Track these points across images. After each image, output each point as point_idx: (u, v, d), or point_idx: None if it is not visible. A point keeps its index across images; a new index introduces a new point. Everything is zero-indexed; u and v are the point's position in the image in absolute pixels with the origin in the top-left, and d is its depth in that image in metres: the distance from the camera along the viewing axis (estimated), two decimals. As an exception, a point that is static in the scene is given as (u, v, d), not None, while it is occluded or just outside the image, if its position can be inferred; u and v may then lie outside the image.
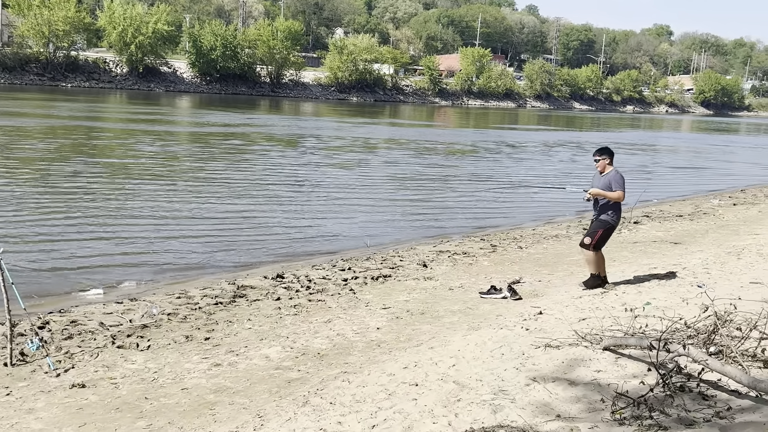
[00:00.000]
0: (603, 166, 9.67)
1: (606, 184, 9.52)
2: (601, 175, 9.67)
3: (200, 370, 6.95)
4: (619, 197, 9.49)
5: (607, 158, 9.67)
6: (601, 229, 9.61)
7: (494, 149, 38.49)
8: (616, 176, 9.53)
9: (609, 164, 9.68)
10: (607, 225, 9.63)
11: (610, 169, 9.64)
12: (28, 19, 74.43)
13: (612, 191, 9.46)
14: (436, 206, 19.42)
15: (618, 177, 9.52)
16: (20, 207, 15.59)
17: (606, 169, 9.66)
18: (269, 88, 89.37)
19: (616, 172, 9.61)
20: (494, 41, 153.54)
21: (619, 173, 9.60)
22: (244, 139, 34.54)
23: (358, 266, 11.97)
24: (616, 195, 9.46)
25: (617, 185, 9.46)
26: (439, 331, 8.17)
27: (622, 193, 9.48)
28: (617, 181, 9.48)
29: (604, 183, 9.55)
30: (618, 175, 9.54)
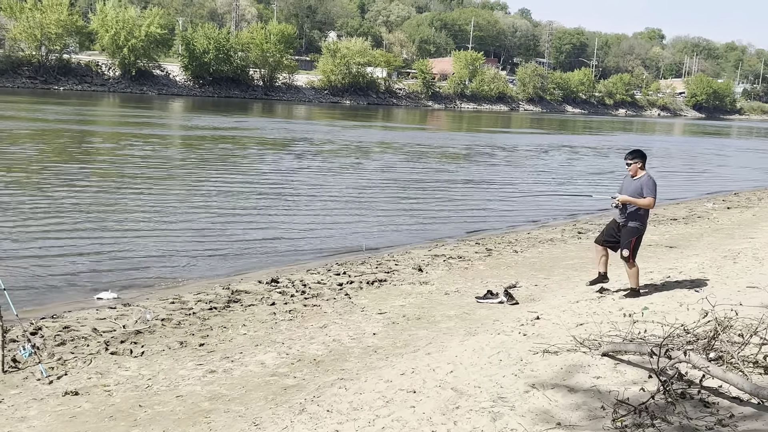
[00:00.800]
0: (635, 170, 9.24)
1: (637, 189, 9.12)
2: (633, 179, 9.25)
3: (195, 377, 6.86)
4: (650, 204, 9.11)
5: (639, 161, 9.24)
6: (634, 237, 9.24)
7: (487, 153, 38.48)
8: (648, 181, 9.11)
9: (641, 168, 9.25)
10: (639, 232, 9.26)
11: (642, 173, 9.21)
12: (20, 22, 74.17)
13: (642, 197, 9.09)
14: (430, 210, 19.34)
15: (650, 182, 9.10)
16: (11, 212, 15.46)
17: (638, 173, 9.23)
18: (262, 91, 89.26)
19: (649, 177, 9.18)
20: (487, 45, 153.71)
21: (652, 178, 9.18)
22: (237, 143, 34.44)
23: (353, 270, 11.89)
24: (646, 202, 9.07)
25: (648, 191, 9.05)
26: (436, 337, 8.10)
27: (652, 200, 9.11)
28: (649, 186, 9.07)
29: (635, 187, 9.14)
30: (650, 181, 9.13)
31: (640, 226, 9.25)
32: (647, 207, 9.13)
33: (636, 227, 9.23)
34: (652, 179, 9.15)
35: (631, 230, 9.24)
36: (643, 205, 9.10)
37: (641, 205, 9.10)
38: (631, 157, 9.32)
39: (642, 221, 9.26)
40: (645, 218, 9.31)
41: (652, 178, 9.20)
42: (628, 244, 9.22)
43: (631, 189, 9.19)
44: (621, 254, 9.37)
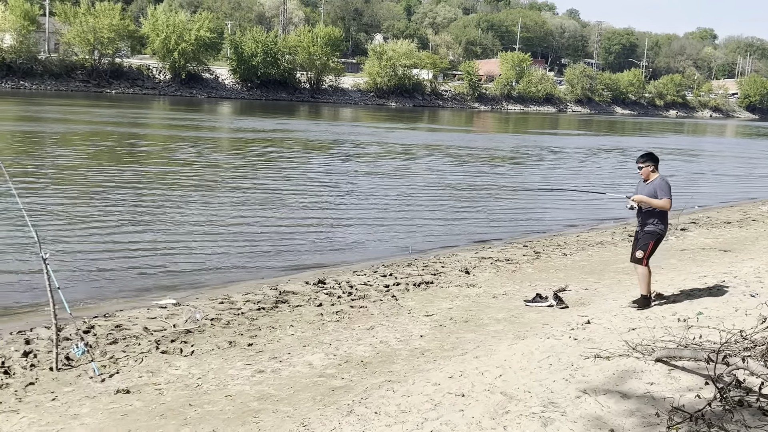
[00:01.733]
0: (647, 173, 9.00)
1: (651, 193, 8.87)
2: (646, 183, 9.01)
3: (244, 377, 6.89)
4: (665, 205, 8.80)
5: (651, 165, 8.98)
6: (652, 240, 8.95)
7: (535, 155, 38.15)
8: (661, 183, 8.88)
9: (653, 171, 8.99)
10: (656, 236, 8.98)
11: (654, 176, 8.97)
12: (74, 27, 75.88)
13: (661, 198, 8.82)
14: (477, 212, 19.23)
15: (664, 184, 8.86)
16: (66, 212, 15.79)
17: (650, 176, 8.98)
18: (309, 93, 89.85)
19: (662, 179, 8.95)
20: (534, 45, 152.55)
21: (665, 180, 8.95)
22: (284, 145, 34.70)
23: (399, 272, 11.85)
24: (661, 203, 8.78)
25: (663, 193, 8.79)
26: (484, 340, 8.01)
27: (668, 201, 8.81)
28: (663, 188, 8.81)
29: (648, 191, 8.90)
30: (664, 183, 8.89)
31: (658, 229, 8.95)
32: (663, 208, 8.82)
33: (654, 231, 8.94)
34: (665, 181, 8.92)
35: (650, 233, 8.95)
36: (658, 206, 8.81)
37: (656, 206, 8.82)
38: (642, 160, 9.03)
39: (660, 225, 8.94)
40: (663, 222, 8.98)
41: (666, 180, 8.97)
42: (645, 246, 8.95)
43: (644, 193, 8.93)
44: (634, 255, 9.05)
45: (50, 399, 6.36)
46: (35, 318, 9.10)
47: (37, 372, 7.05)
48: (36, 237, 7.33)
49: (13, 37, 70.53)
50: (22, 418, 5.94)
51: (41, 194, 17.62)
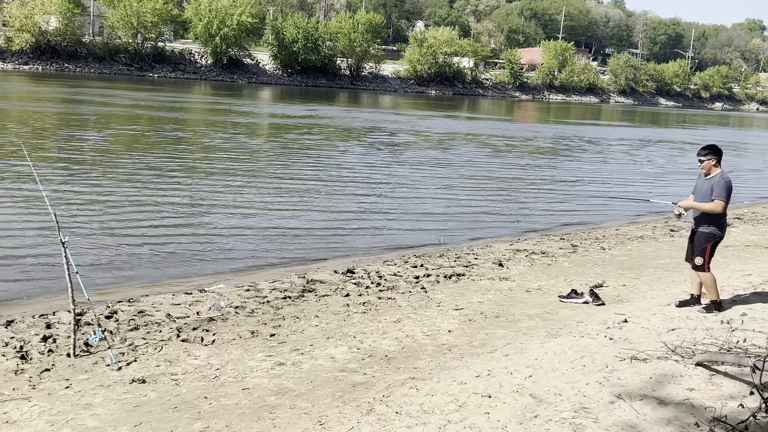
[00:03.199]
0: (708, 167, 8.13)
1: (707, 190, 8.03)
2: (706, 179, 8.14)
3: (263, 369, 6.65)
4: (715, 208, 7.94)
5: (714, 158, 8.10)
6: (709, 243, 8.14)
7: (575, 145, 37.44)
8: (719, 182, 7.97)
9: (715, 165, 8.11)
10: (713, 238, 8.13)
11: (716, 172, 8.09)
12: (117, 11, 76.46)
13: (710, 200, 7.99)
14: (513, 203, 18.82)
15: (722, 183, 7.95)
16: (96, 196, 15.75)
17: (712, 171, 8.11)
18: (348, 80, 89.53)
19: (721, 176, 8.04)
20: (578, 35, 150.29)
21: (725, 178, 8.02)
22: (321, 132, 34.50)
23: (430, 263, 11.54)
24: (710, 206, 7.94)
25: (719, 193, 7.91)
26: (515, 337, 7.67)
27: (720, 204, 7.91)
28: (720, 187, 7.92)
29: (706, 189, 8.06)
30: (722, 181, 7.97)
31: (715, 231, 8.12)
32: (714, 212, 7.98)
33: (709, 233, 8.12)
34: (724, 179, 8.02)
35: (705, 236, 8.15)
36: (708, 210, 8.00)
37: (706, 210, 8.02)
38: (704, 152, 8.17)
39: (717, 225, 8.10)
40: (720, 222, 8.12)
41: (726, 178, 8.07)
42: (702, 252, 8.17)
43: (703, 189, 8.13)
44: (694, 263, 8.30)
45: (64, 387, 6.18)
46: (59, 302, 8.95)
47: (54, 358, 6.89)
48: (55, 220, 7.17)
49: (58, 20, 71.24)
50: (33, 406, 5.76)
51: (70, 177, 17.63)
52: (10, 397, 5.95)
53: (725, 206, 8.01)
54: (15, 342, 7.29)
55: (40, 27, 69.83)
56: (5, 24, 71.68)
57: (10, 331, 7.72)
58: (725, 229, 8.30)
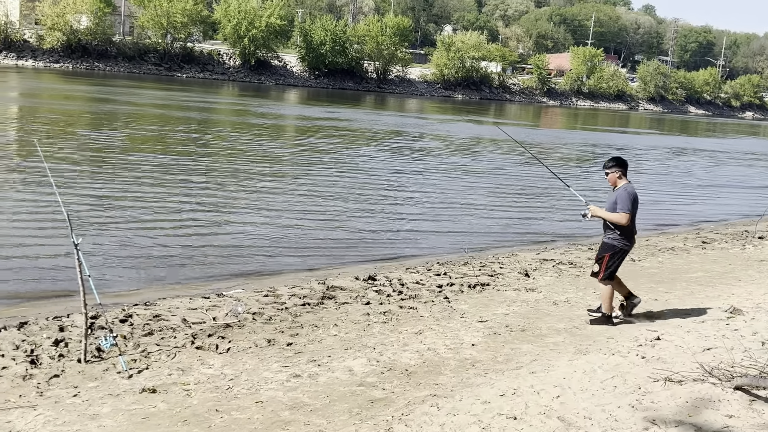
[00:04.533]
0: (613, 180, 8.18)
1: (612, 203, 8.07)
2: (612, 191, 8.20)
3: (278, 381, 6.37)
4: (620, 220, 7.93)
5: (618, 171, 8.14)
6: (607, 253, 8.13)
7: (603, 153, 36.86)
8: (623, 194, 7.99)
9: (620, 178, 8.15)
10: (614, 249, 8.12)
11: (621, 184, 8.13)
12: (148, 11, 76.90)
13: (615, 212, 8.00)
14: (539, 210, 18.45)
15: (624, 195, 7.97)
16: (116, 196, 15.63)
17: (617, 183, 8.15)
18: (375, 83, 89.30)
19: (625, 188, 8.05)
20: (607, 41, 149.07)
21: (628, 190, 8.03)
22: (345, 135, 34.30)
23: (454, 272, 11.21)
24: (615, 217, 7.94)
25: (622, 205, 7.92)
26: (542, 353, 7.33)
27: (624, 216, 7.90)
28: (623, 199, 7.94)
29: (610, 201, 8.12)
30: (625, 193, 7.99)
31: (617, 243, 8.08)
32: (618, 223, 7.96)
33: (610, 243, 8.12)
34: (627, 191, 8.00)
35: (605, 246, 8.18)
36: (613, 221, 7.98)
37: (611, 221, 8.00)
38: (609, 165, 8.20)
39: (620, 237, 8.05)
40: (624, 233, 8.06)
41: (630, 189, 8.04)
42: (600, 260, 8.18)
43: (610, 202, 8.13)
44: (592, 269, 8.35)
45: (72, 395, 5.95)
46: (76, 304, 8.73)
47: (65, 363, 6.67)
48: (67, 220, 6.95)
49: (89, 19, 71.78)
50: (38, 415, 5.53)
51: (87, 177, 17.54)
52: (15, 404, 5.73)
53: (629, 218, 7.96)
54: (26, 345, 7.08)
55: (71, 26, 70.42)
56: (37, 22, 72.36)
57: (22, 333, 7.51)
58: (632, 241, 8.22)
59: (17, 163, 18.34)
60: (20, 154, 19.68)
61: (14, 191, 14.92)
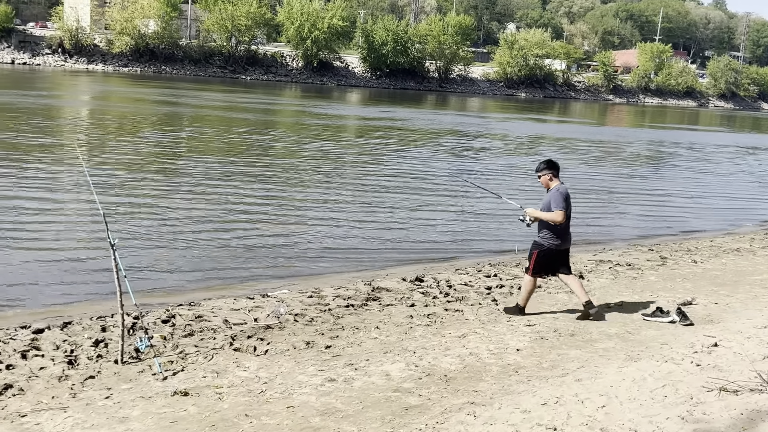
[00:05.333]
0: (546, 182, 8.32)
1: (545, 204, 8.20)
2: (546, 193, 8.34)
3: (312, 385, 6.20)
4: (555, 218, 8.04)
5: (549, 173, 8.26)
6: (536, 251, 8.25)
7: (670, 151, 35.83)
8: (555, 194, 8.13)
9: (552, 179, 8.27)
10: (541, 247, 8.23)
11: (554, 185, 8.24)
12: (213, 14, 78.27)
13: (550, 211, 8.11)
14: (597, 210, 17.93)
15: (557, 194, 8.11)
16: (165, 198, 15.77)
17: (549, 185, 8.28)
18: (437, 83, 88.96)
19: (557, 189, 8.17)
20: (676, 37, 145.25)
21: (560, 190, 8.15)
22: (402, 135, 34.15)
23: (505, 273, 10.89)
24: (550, 216, 8.06)
25: (556, 204, 8.06)
26: (590, 359, 6.98)
27: (559, 214, 8.02)
28: (556, 199, 8.08)
29: (544, 202, 8.26)
30: (557, 193, 8.12)
31: (545, 242, 8.23)
32: (555, 221, 8.08)
33: (539, 243, 8.28)
34: (559, 191, 8.15)
35: (536, 244, 8.34)
36: (548, 219, 8.11)
37: (547, 220, 8.13)
38: (541, 168, 8.37)
39: (551, 235, 8.20)
40: (556, 232, 8.19)
41: (561, 189, 8.19)
42: (530, 257, 8.36)
43: (543, 203, 8.31)
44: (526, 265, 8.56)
45: (104, 397, 5.89)
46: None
47: (102, 364, 6.64)
48: (104, 221, 6.92)
49: (156, 24, 73.46)
50: (68, 417, 5.48)
51: (143, 179, 17.76)
52: (47, 406, 5.70)
53: (564, 215, 8.08)
54: (66, 346, 7.09)
55: (139, 30, 72.15)
56: (107, 27, 74.30)
57: (65, 333, 7.54)
58: (565, 240, 8.31)
59: (61, 168, 18.68)
60: (63, 157, 20.07)
61: (60, 193, 15.14)
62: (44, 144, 21.43)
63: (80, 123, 29.39)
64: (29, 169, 17.09)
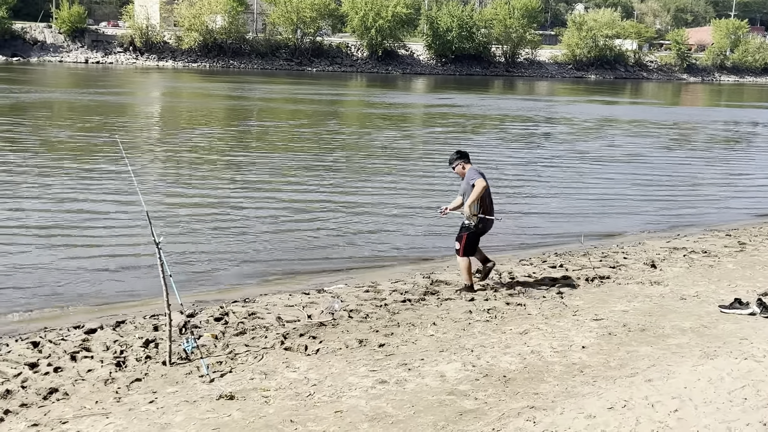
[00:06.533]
0: (460, 171, 8.88)
1: (467, 188, 8.61)
2: (462, 180, 8.84)
3: (362, 387, 5.89)
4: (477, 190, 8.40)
5: (461, 162, 8.87)
6: (465, 233, 8.67)
7: (750, 131, 34.25)
8: (471, 173, 8.67)
9: (464, 167, 8.84)
10: (468, 230, 8.67)
11: (468, 169, 8.79)
12: (278, 7, 78.68)
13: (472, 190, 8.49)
14: (672, 193, 17.14)
15: (473, 173, 8.64)
16: (225, 192, 15.71)
17: (464, 172, 8.81)
18: (503, 67, 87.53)
19: (471, 170, 8.73)
20: (752, 11, 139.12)
21: (474, 170, 8.75)
22: (466, 121, 33.55)
23: (571, 263, 10.38)
24: (475, 193, 8.43)
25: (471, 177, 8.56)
26: (662, 357, 6.47)
27: (480, 181, 8.44)
28: (470, 175, 8.63)
29: (465, 186, 8.71)
30: (472, 172, 8.69)
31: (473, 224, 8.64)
32: (479, 194, 8.45)
33: (467, 224, 8.68)
34: (474, 170, 8.74)
35: (464, 227, 8.75)
36: (475, 198, 8.47)
37: (473, 200, 8.49)
38: (453, 159, 8.96)
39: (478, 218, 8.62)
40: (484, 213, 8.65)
41: (475, 169, 8.79)
42: (460, 239, 8.73)
43: (463, 189, 8.79)
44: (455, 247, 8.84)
45: (148, 401, 5.70)
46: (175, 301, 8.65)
47: (149, 366, 6.48)
48: (148, 220, 6.74)
49: (224, 19, 74.33)
50: (109, 424, 5.29)
51: (201, 171, 17.77)
52: (90, 411, 5.54)
53: (485, 184, 8.50)
54: (116, 347, 6.97)
55: (207, 26, 73.13)
56: (176, 24, 75.58)
57: (116, 333, 7.44)
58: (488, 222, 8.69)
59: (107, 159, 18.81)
60: (109, 153, 20.21)
61: (105, 192, 15.04)
62: (97, 142, 21.70)
63: (148, 119, 29.81)
64: (83, 169, 17.22)
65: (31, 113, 28.68)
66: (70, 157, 18.89)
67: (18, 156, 18.26)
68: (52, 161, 18.05)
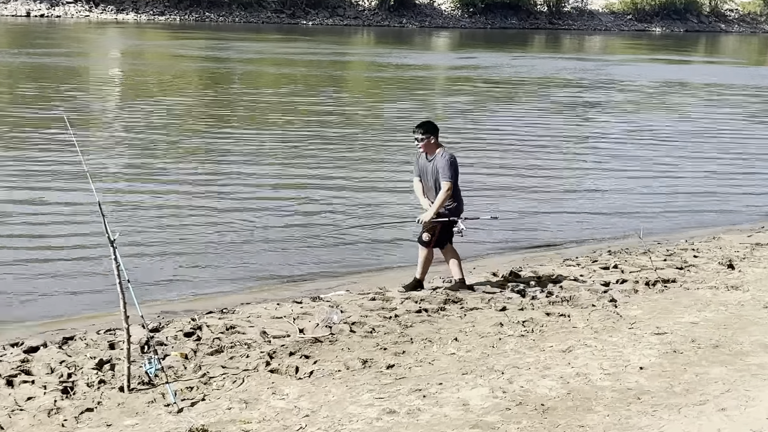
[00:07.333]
0: (427, 146, 9.05)
1: (433, 171, 8.97)
2: (429, 160, 9.09)
3: (365, 419, 5.94)
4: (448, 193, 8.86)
5: (431, 136, 9.05)
6: (439, 225, 9.09)
7: None
8: (443, 162, 8.92)
9: (434, 144, 9.07)
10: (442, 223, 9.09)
11: (437, 150, 9.05)
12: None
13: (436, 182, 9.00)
14: (753, 178, 17.17)
15: (445, 162, 8.90)
16: (200, 180, 15.82)
17: (433, 151, 9.05)
18: (546, 18, 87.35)
19: (443, 155, 8.98)
20: None
21: (446, 157, 8.96)
22: (499, 87, 33.59)
23: (629, 264, 10.49)
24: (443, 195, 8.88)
25: (445, 174, 8.89)
26: (739, 380, 6.52)
27: (448, 184, 8.86)
28: (445, 168, 8.90)
29: (432, 169, 9.01)
30: (444, 160, 8.92)
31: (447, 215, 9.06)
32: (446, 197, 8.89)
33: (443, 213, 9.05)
34: (447, 158, 8.95)
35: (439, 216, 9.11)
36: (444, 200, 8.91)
37: (443, 201, 8.92)
38: (420, 132, 9.07)
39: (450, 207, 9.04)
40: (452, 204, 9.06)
41: (448, 155, 9.01)
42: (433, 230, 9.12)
43: (428, 171, 9.08)
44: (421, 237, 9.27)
45: (101, 437, 5.78)
46: (133, 312, 8.73)
47: (103, 393, 6.53)
48: (101, 213, 6.79)
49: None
50: (52, 465, 5.38)
51: (169, 156, 17.89)
52: (29, 449, 5.62)
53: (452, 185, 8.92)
54: (63, 369, 7.03)
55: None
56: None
57: (63, 352, 7.50)
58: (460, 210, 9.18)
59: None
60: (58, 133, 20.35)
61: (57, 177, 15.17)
62: (38, 117, 21.80)
63: (103, 88, 29.98)
64: (20, 151, 17.31)
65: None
66: (3, 136, 18.98)
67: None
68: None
